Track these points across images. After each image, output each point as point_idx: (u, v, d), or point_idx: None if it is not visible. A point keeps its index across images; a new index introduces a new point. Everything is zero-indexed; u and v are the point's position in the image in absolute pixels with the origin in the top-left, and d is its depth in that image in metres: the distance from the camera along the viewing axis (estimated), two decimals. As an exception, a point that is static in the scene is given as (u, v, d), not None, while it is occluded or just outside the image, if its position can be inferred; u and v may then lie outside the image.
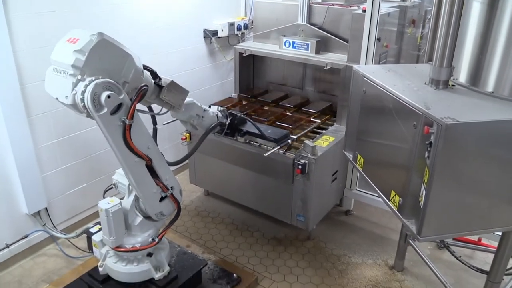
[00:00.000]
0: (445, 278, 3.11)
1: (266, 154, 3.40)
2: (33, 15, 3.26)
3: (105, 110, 2.21)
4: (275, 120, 4.01)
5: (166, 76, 2.64)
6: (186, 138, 4.13)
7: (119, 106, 2.27)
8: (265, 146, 3.61)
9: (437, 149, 1.97)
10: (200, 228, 4.15)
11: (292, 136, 3.62)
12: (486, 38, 2.24)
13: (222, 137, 3.90)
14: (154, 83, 2.54)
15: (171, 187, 2.77)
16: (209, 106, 3.13)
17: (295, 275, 3.56)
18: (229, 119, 3.17)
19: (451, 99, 2.24)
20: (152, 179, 2.65)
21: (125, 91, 2.30)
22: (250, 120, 3.36)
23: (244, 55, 4.57)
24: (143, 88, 2.34)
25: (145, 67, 2.49)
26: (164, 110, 2.73)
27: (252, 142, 3.70)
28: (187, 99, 2.77)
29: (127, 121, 2.31)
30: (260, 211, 4.05)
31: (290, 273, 3.58)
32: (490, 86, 2.26)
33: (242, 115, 3.37)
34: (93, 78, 2.15)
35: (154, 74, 2.55)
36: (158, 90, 2.57)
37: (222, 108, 3.20)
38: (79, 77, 2.16)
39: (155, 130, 2.94)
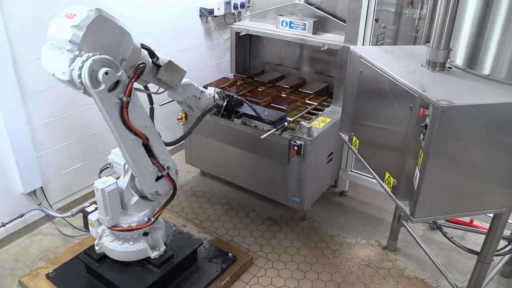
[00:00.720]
0: (437, 259, 3.16)
1: (262, 136, 3.39)
2: (25, -9, 3.20)
3: (103, 86, 2.19)
4: (271, 102, 4.00)
5: (161, 55, 2.62)
6: (182, 118, 4.11)
7: (117, 83, 2.25)
8: (262, 128, 3.60)
9: (432, 132, 1.98)
10: (195, 208, 4.17)
11: (289, 118, 3.61)
12: (484, 20, 2.22)
13: (218, 118, 3.89)
14: (152, 62, 2.52)
15: (167, 167, 2.77)
16: (205, 87, 3.11)
17: (289, 254, 3.61)
18: (225, 101, 3.15)
19: (447, 81, 2.24)
20: (148, 158, 2.65)
21: (123, 69, 2.28)
22: (247, 102, 3.34)
23: (240, 34, 4.52)
24: (141, 65, 2.32)
25: (143, 46, 2.46)
26: (161, 90, 2.71)
27: (248, 124, 3.70)
28: (184, 80, 2.76)
29: (124, 98, 2.29)
30: (256, 191, 4.07)
31: (284, 252, 3.63)
32: (486, 69, 2.26)
33: (238, 97, 3.36)
34: (91, 54, 2.13)
35: (152, 53, 2.52)
36: (156, 69, 2.56)
37: (219, 90, 3.19)
38: (77, 52, 2.13)
39: (152, 110, 2.92)
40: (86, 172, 4.01)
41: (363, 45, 3.65)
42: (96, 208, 2.97)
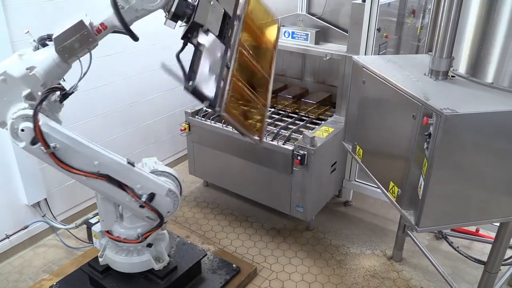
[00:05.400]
0: (442, 269, 3.13)
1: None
2: (30, 4, 3.24)
3: (24, 143, 2.14)
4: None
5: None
6: (185, 129, 4.13)
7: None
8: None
9: (436, 140, 1.97)
10: (199, 219, 4.16)
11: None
12: (486, 28, 2.23)
13: (222, 128, 3.90)
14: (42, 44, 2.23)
15: (150, 194, 2.54)
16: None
17: (293, 265, 3.58)
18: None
19: (450, 90, 2.24)
20: (119, 190, 2.46)
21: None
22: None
23: (243, 45, 4.54)
24: (37, 107, 2.10)
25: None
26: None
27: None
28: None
29: (47, 151, 2.17)
30: (259, 201, 4.06)
31: (289, 263, 3.60)
32: (489, 77, 2.26)
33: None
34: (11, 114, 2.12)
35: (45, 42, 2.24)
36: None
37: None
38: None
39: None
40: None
41: (365, 54, 3.66)
42: (100, 220, 2.96)
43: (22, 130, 2.11)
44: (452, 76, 2.40)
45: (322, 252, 3.73)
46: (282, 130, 3.79)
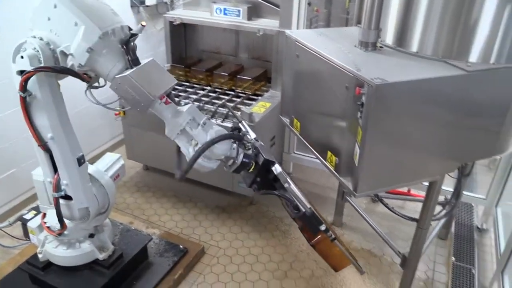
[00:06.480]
0: (380, 229, 3.33)
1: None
2: None
3: (14, 66, 2.16)
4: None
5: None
6: (119, 113, 3.98)
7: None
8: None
9: (368, 109, 2.06)
10: (141, 203, 4.08)
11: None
12: (409, 0, 2.33)
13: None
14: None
15: (68, 195, 2.48)
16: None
17: (240, 240, 3.64)
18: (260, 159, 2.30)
19: (379, 60, 2.33)
20: (49, 169, 2.46)
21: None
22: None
23: (174, 23, 4.42)
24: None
25: None
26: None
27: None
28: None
29: (19, 92, 2.17)
30: (202, 181, 4.05)
31: (235, 239, 3.66)
32: (414, 47, 2.38)
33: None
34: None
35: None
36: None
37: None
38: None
39: None
40: (22, 177, 3.78)
41: (297, 29, 3.71)
42: (36, 215, 2.82)
43: (22, 57, 2.11)
44: (381, 47, 2.50)
45: (267, 225, 3.82)
46: (220, 108, 3.77)
